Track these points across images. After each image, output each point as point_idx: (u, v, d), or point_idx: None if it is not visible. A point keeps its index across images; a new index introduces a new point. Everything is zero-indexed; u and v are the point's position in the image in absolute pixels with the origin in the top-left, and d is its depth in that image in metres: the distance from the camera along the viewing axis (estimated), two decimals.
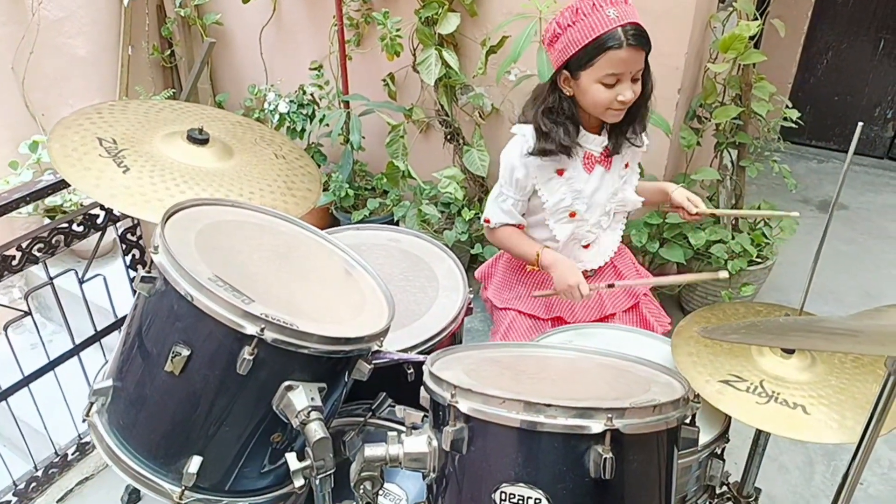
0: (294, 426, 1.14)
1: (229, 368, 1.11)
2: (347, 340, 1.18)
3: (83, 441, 2.19)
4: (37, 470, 2.08)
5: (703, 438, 1.42)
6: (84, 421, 1.23)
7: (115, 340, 2.03)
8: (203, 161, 1.72)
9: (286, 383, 1.14)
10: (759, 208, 2.70)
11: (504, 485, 0.97)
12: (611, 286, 1.75)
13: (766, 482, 2.10)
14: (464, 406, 0.99)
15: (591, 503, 0.97)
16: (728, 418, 1.48)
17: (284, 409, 1.15)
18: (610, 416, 0.93)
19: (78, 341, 2.05)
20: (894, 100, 3.95)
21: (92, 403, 1.22)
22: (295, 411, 1.13)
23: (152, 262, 1.14)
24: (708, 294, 2.70)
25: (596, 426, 0.93)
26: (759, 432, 1.56)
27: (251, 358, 1.09)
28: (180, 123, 1.84)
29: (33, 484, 2.07)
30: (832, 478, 2.23)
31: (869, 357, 1.39)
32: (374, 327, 1.25)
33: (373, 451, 1.07)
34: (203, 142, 1.74)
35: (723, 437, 1.45)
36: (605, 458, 0.92)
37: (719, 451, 1.48)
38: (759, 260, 2.61)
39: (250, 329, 1.09)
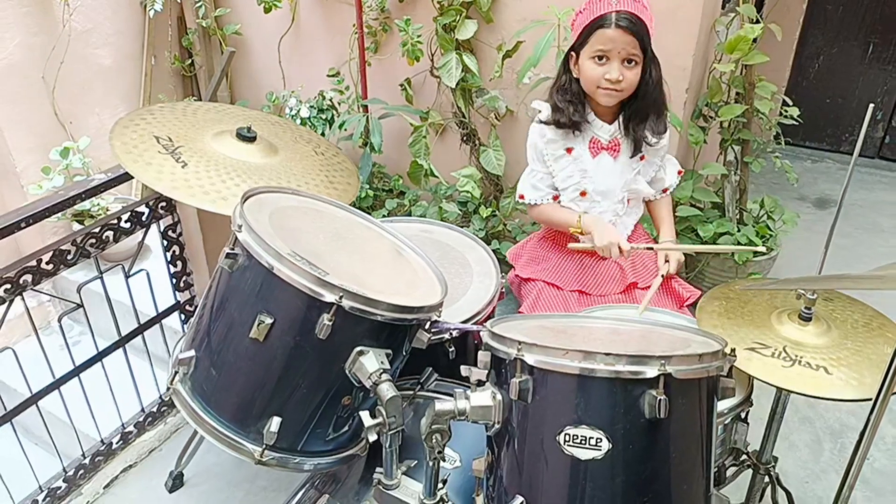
0: (367, 387, 1.25)
1: (309, 334, 1.22)
2: (412, 309, 1.29)
3: (126, 430, 2.28)
4: (84, 457, 2.17)
5: (729, 403, 1.54)
6: (168, 389, 1.33)
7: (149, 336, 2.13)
8: (252, 157, 1.84)
9: (358, 348, 1.26)
10: (762, 205, 2.84)
11: (568, 427, 1.08)
12: (650, 248, 1.91)
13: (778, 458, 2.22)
14: (530, 359, 1.10)
15: (645, 440, 1.08)
16: (751, 384, 1.60)
17: (357, 371, 1.26)
18: (663, 362, 1.05)
19: (105, 340, 2.13)
20: (884, 101, 4.11)
21: (176, 373, 1.33)
22: (367, 373, 1.24)
23: (236, 239, 1.25)
24: (718, 282, 2.81)
25: (650, 371, 1.05)
26: (776, 401, 1.68)
27: (330, 324, 1.20)
28: (226, 123, 1.95)
29: (81, 471, 2.16)
30: (839, 454, 2.34)
31: (877, 322, 1.52)
32: (431, 299, 1.37)
33: (442, 405, 1.18)
34: (251, 139, 1.85)
35: (747, 400, 1.57)
36: (660, 400, 1.04)
37: (744, 415, 1.60)
38: (763, 251, 2.73)
39: (329, 297, 1.20)
